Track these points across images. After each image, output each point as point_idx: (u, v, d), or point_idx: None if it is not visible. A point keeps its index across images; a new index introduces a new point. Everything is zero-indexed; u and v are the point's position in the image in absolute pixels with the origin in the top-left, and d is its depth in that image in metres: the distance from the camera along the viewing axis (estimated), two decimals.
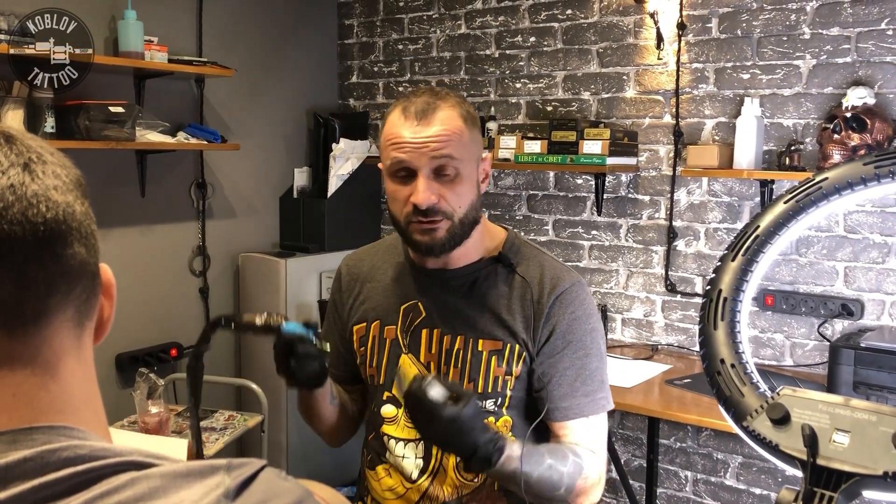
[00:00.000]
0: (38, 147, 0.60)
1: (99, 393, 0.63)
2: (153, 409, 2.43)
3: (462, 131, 1.37)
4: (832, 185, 0.88)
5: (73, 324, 0.59)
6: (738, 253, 0.91)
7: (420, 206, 1.34)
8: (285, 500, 0.56)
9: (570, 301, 1.44)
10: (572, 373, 1.42)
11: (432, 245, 1.39)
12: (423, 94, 1.38)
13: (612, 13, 3.18)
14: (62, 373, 0.59)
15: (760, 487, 2.98)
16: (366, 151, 3.69)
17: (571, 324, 1.43)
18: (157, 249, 3.24)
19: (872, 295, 2.72)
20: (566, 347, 1.43)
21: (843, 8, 2.71)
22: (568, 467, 1.37)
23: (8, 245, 0.54)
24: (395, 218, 1.42)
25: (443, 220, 1.37)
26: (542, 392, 1.42)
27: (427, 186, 1.34)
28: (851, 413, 0.76)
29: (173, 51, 3.04)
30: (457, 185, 1.37)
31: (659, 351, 3.11)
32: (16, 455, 0.52)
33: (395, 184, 1.39)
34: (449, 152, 1.34)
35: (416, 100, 1.37)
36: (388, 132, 1.38)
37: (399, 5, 3.76)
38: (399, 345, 1.49)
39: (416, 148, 1.34)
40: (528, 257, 1.49)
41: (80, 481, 0.52)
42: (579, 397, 1.42)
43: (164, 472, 0.54)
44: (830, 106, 2.74)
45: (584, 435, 1.43)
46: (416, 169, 1.34)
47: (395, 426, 1.49)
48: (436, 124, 1.34)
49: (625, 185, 3.21)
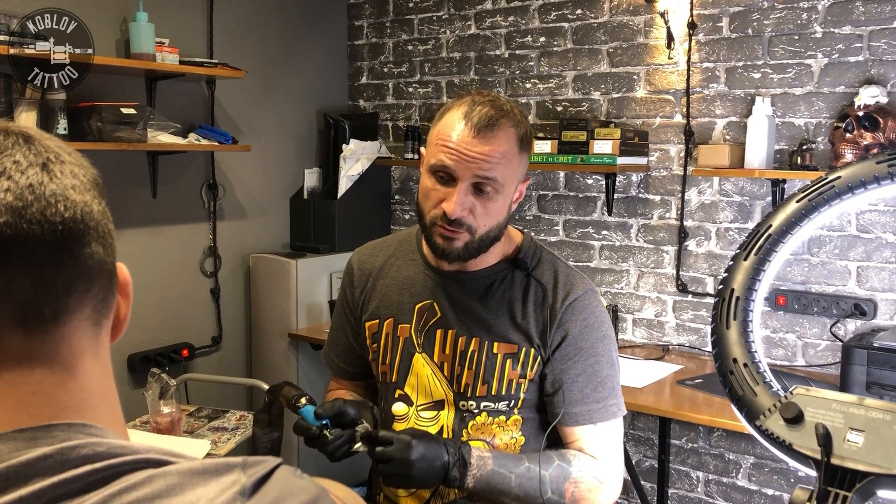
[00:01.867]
0: (56, 147, 0.61)
1: (116, 391, 0.63)
2: (165, 409, 2.44)
3: (513, 156, 1.36)
4: (845, 184, 0.87)
5: (91, 322, 0.60)
6: (750, 252, 0.91)
7: (450, 215, 1.34)
8: (300, 497, 0.57)
9: (582, 308, 1.44)
10: (583, 379, 1.43)
11: (448, 252, 1.39)
12: (487, 105, 1.35)
13: (623, 13, 3.17)
14: (80, 371, 0.59)
15: (773, 488, 2.96)
16: (376, 152, 3.69)
17: (583, 331, 1.44)
18: (168, 250, 3.25)
19: (885, 294, 2.71)
20: (577, 354, 1.43)
21: (855, 6, 2.70)
22: (552, 471, 1.37)
23: (27, 244, 0.55)
24: (422, 213, 1.41)
25: (464, 233, 1.36)
26: (554, 397, 1.43)
27: (462, 199, 1.33)
28: (865, 412, 0.76)
29: (184, 52, 3.06)
30: (491, 203, 1.36)
31: (670, 351, 3.10)
32: (35, 452, 0.53)
33: (432, 181, 1.38)
34: (494, 175, 1.34)
35: (479, 109, 1.34)
36: (442, 132, 1.36)
37: (409, 6, 3.76)
38: (413, 344, 1.49)
39: (465, 160, 1.33)
40: (543, 262, 1.49)
41: (98, 478, 0.53)
42: (590, 403, 1.42)
43: (181, 469, 0.54)
44: (842, 105, 2.72)
45: (592, 441, 1.43)
46: (458, 179, 1.34)
47: (406, 424, 1.49)
48: (492, 143, 1.33)
49: (635, 185, 3.20)
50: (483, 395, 1.45)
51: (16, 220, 0.54)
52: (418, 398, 1.49)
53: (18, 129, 0.60)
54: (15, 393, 0.56)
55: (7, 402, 0.56)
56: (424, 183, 1.40)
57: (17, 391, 0.56)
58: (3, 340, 0.56)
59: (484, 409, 1.45)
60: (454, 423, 1.46)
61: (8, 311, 0.55)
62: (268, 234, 3.68)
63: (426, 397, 1.48)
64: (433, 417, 1.48)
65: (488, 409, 1.45)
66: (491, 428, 1.45)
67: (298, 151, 3.78)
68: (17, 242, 0.55)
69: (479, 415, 1.45)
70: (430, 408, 1.48)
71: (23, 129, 0.60)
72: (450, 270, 1.48)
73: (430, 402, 1.48)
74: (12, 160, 0.57)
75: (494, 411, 1.45)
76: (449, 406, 1.47)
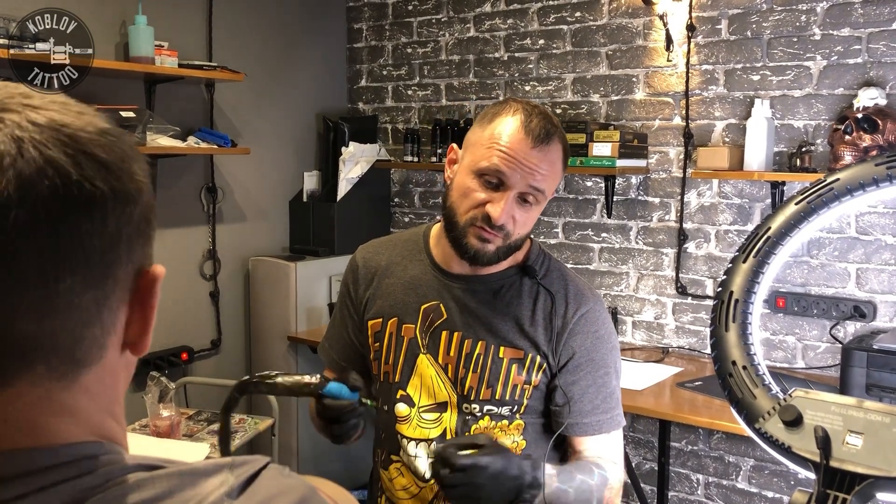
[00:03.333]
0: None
1: (121, 397, 0.63)
2: (164, 413, 2.44)
3: (559, 171, 1.39)
4: (844, 186, 0.87)
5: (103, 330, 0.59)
6: (749, 255, 0.91)
7: (496, 221, 1.34)
8: (289, 497, 0.56)
9: (593, 320, 1.46)
10: (594, 391, 1.44)
11: (483, 255, 1.39)
12: (542, 117, 1.36)
13: (622, 15, 3.17)
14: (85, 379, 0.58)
15: (773, 490, 2.96)
16: (375, 155, 3.69)
17: (595, 343, 1.45)
18: (167, 253, 3.25)
19: (885, 297, 2.71)
20: (588, 365, 1.44)
21: (854, 8, 2.70)
22: (596, 480, 1.40)
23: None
24: (454, 212, 1.39)
25: (500, 238, 1.37)
26: (564, 408, 1.44)
27: (510, 207, 1.34)
28: (865, 415, 0.76)
29: (183, 56, 3.06)
30: (530, 213, 1.38)
31: (670, 353, 3.10)
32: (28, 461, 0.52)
33: (475, 182, 1.36)
34: (544, 187, 1.36)
35: (536, 120, 1.35)
36: (500, 134, 1.35)
37: (408, 9, 3.77)
38: (417, 344, 1.49)
39: (523, 169, 1.33)
40: (552, 270, 1.50)
41: (89, 486, 0.52)
42: (600, 414, 1.45)
43: (170, 473, 0.54)
44: (841, 107, 2.72)
45: (604, 449, 1.46)
46: (510, 186, 1.34)
47: (408, 425, 1.49)
48: (548, 155, 1.35)
49: (635, 188, 3.20)
50: (487, 399, 1.44)
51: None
52: (421, 399, 1.49)
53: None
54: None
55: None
56: (465, 183, 1.38)
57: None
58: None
59: (487, 413, 1.45)
60: (457, 425, 1.46)
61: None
62: (267, 237, 3.67)
63: (429, 398, 1.48)
64: (436, 419, 1.48)
65: (491, 413, 1.45)
66: (493, 432, 1.46)
67: (298, 154, 3.78)
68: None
69: (482, 418, 1.45)
70: (432, 409, 1.48)
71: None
72: (458, 273, 1.48)
73: (433, 403, 1.48)
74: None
75: (497, 415, 1.45)
76: (452, 408, 1.47)
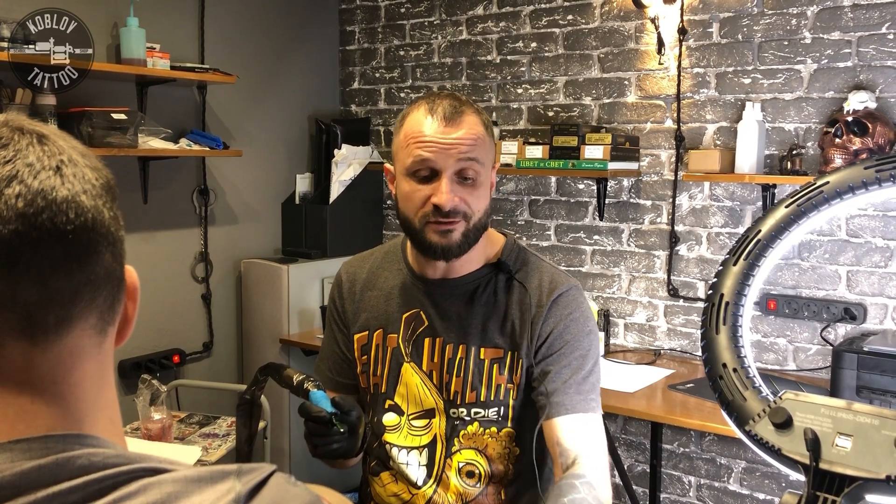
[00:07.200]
0: (69, 148, 0.60)
1: (116, 399, 0.63)
2: (156, 416, 2.43)
3: (484, 137, 1.38)
4: (834, 189, 0.88)
5: (95, 331, 0.59)
6: (739, 257, 0.91)
7: (443, 207, 1.33)
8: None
9: (567, 303, 1.44)
10: (568, 371, 1.40)
11: (448, 247, 1.38)
12: (446, 98, 1.38)
13: (613, 18, 3.18)
14: (80, 380, 0.58)
15: (764, 492, 2.97)
16: (367, 157, 3.69)
17: (570, 325, 1.43)
18: (159, 256, 3.24)
19: (875, 299, 2.72)
20: (564, 347, 1.42)
21: (844, 12, 2.71)
22: (582, 492, 1.33)
23: (35, 252, 0.54)
24: (407, 219, 1.40)
25: (460, 222, 1.36)
26: (539, 388, 1.41)
27: (451, 188, 1.34)
28: (854, 417, 0.76)
29: (175, 58, 3.05)
30: (476, 189, 1.37)
31: (661, 356, 3.11)
32: (30, 463, 0.52)
33: (413, 183, 1.37)
34: (475, 155, 1.35)
35: (440, 101, 1.37)
36: (412, 130, 1.36)
37: (400, 11, 3.77)
38: (401, 353, 1.49)
39: (444, 148, 1.34)
40: (526, 263, 1.49)
41: (95, 489, 0.52)
42: (572, 394, 1.39)
43: (176, 477, 0.54)
44: (832, 110, 2.74)
45: (573, 432, 1.37)
46: (441, 170, 1.34)
47: (398, 434, 1.49)
48: (463, 127, 1.35)
49: (626, 190, 3.21)
50: (472, 402, 1.44)
51: (26, 227, 0.54)
52: (409, 407, 1.48)
53: (33, 127, 0.59)
54: (14, 402, 0.55)
55: (6, 412, 0.55)
56: (403, 189, 1.39)
57: (15, 401, 0.55)
58: (5, 349, 0.55)
59: (476, 418, 1.45)
60: (446, 431, 1.46)
61: (12, 320, 0.54)
62: (259, 240, 3.67)
63: (416, 406, 1.48)
64: (425, 426, 1.48)
65: (479, 416, 1.44)
66: (483, 438, 1.45)
67: (290, 156, 3.78)
68: (26, 250, 0.54)
69: (471, 424, 1.45)
70: (421, 416, 1.48)
71: (37, 128, 0.59)
72: (435, 278, 1.47)
73: (420, 410, 1.48)
74: (25, 163, 0.56)
75: (486, 420, 1.44)
76: (440, 414, 1.47)
